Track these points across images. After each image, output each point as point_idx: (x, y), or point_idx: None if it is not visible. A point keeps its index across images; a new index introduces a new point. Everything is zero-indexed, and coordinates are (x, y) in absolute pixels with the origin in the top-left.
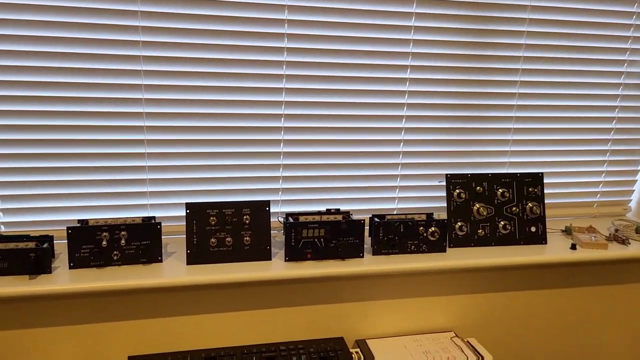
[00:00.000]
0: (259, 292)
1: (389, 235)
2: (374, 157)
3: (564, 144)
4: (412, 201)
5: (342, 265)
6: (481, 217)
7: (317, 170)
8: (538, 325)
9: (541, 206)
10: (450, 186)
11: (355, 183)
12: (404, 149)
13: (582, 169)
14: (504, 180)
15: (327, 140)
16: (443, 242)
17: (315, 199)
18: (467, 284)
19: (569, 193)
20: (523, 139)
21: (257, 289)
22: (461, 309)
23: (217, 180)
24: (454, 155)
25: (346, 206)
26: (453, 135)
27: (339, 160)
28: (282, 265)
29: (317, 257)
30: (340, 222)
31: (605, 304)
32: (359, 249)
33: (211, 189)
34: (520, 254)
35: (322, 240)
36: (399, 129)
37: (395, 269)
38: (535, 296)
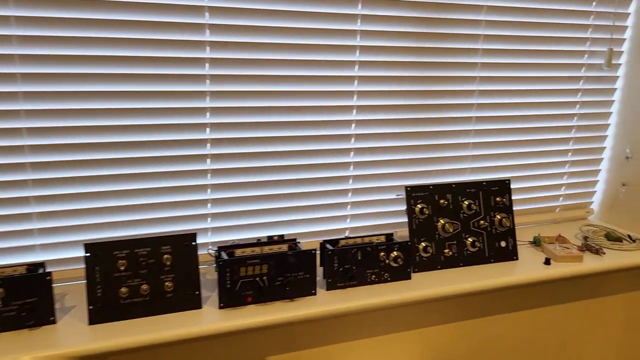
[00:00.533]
0: (187, 351)
1: (345, 265)
2: (320, 170)
3: (526, 145)
4: (367, 218)
5: (291, 307)
6: (447, 234)
7: (254, 189)
8: (515, 350)
9: (510, 218)
10: (411, 201)
11: (300, 202)
12: (355, 159)
13: (545, 171)
14: (470, 191)
15: (264, 153)
16: (407, 268)
17: (252, 224)
18: (437, 314)
19: (532, 199)
20: (484, 141)
21: (186, 348)
22: (433, 341)
23: (128, 208)
24: (410, 164)
25: (290, 230)
26: (408, 141)
27: (280, 175)
28: (216, 315)
29: (260, 300)
30: (286, 255)
31: (582, 319)
32: (311, 285)
33: (119, 220)
34: (492, 274)
35: (265, 279)
36: (348, 136)
37: (355, 307)
38: (509, 319)
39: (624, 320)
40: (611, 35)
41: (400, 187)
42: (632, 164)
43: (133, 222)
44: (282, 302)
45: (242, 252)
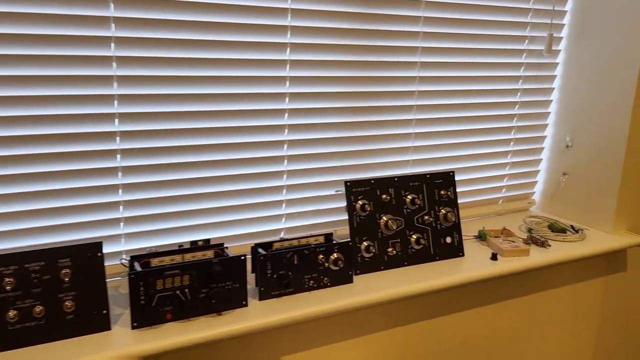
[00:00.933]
0: None
1: (280, 271)
2: (250, 165)
3: (468, 135)
4: (304, 217)
5: (218, 322)
6: (390, 231)
7: (173, 188)
8: (464, 349)
9: (455, 212)
10: (351, 197)
11: (228, 201)
12: (289, 152)
13: (488, 161)
14: (413, 184)
15: (184, 147)
16: (349, 271)
17: (173, 228)
18: (382, 318)
19: (476, 191)
20: (426, 131)
21: None
22: (380, 348)
23: (21, 215)
24: (349, 156)
25: (218, 233)
26: (346, 132)
27: (204, 172)
28: (128, 336)
29: (182, 316)
30: (211, 263)
31: (529, 314)
32: (241, 296)
33: (8, 229)
34: (439, 273)
35: (187, 291)
36: (280, 126)
37: (292, 318)
38: (456, 319)
39: (569, 313)
40: (551, 21)
41: (339, 182)
42: (572, 152)
43: (27, 231)
44: (208, 317)
45: (160, 261)
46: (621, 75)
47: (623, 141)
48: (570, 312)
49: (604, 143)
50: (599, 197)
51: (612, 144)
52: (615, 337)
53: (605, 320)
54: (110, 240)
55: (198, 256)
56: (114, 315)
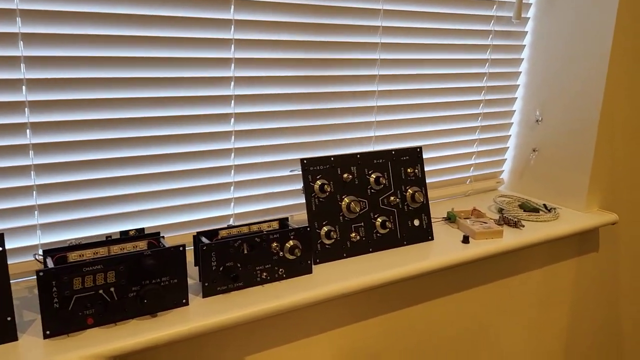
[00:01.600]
0: None
1: (227, 263)
2: (193, 143)
3: (435, 109)
4: (256, 201)
5: (152, 326)
6: (353, 215)
7: (98, 170)
8: (434, 338)
9: (424, 191)
10: (308, 176)
11: (168, 184)
12: (237, 128)
13: (456, 138)
14: (377, 162)
15: (112, 120)
16: (307, 260)
17: (101, 217)
18: (347, 311)
19: (443, 170)
20: (389, 104)
21: None
22: (345, 343)
23: None
24: (305, 132)
25: (155, 221)
26: (302, 105)
27: (138, 151)
28: (39, 348)
29: (106, 320)
30: (142, 256)
31: (501, 298)
32: (180, 293)
33: None
34: (407, 260)
35: (114, 290)
36: (226, 97)
37: (241, 317)
38: (427, 308)
39: (541, 296)
40: None
41: (295, 161)
42: (542, 127)
43: None
44: (140, 320)
45: (79, 255)
46: (594, 45)
47: (595, 115)
48: (542, 296)
49: (576, 117)
50: (570, 174)
51: (584, 118)
52: (587, 319)
53: (577, 302)
54: (23, 232)
55: (128, 248)
56: (24, 322)
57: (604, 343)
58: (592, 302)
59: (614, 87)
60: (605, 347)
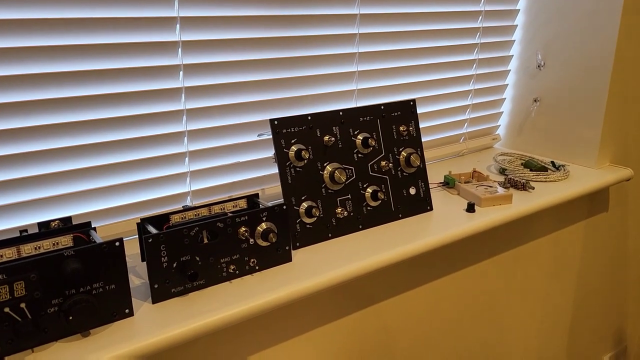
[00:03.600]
0: None
1: (183, 257)
2: (133, 104)
3: (424, 55)
4: (217, 174)
5: (82, 349)
6: (339, 185)
7: (6, 140)
8: (436, 321)
9: (420, 153)
10: (281, 141)
11: (101, 158)
12: (188, 83)
13: (448, 89)
14: (364, 120)
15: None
16: (285, 245)
17: (11, 204)
18: (336, 304)
19: (433, 127)
20: (372, 51)
21: None
22: (337, 341)
23: None
24: (272, 87)
25: (86, 207)
26: (268, 53)
27: (59, 116)
28: None
29: (18, 347)
30: (62, 257)
31: (506, 273)
32: (121, 302)
33: None
34: (406, 237)
35: (25, 307)
36: (172, 44)
37: (204, 326)
38: (426, 290)
39: (549, 265)
40: None
41: (264, 122)
42: (545, 74)
43: None
44: (66, 342)
45: None
46: None
47: (608, 55)
48: (550, 264)
49: (585, 59)
50: (578, 125)
51: (594, 60)
52: (594, 285)
53: (585, 268)
54: None
55: (45, 247)
56: None
57: (612, 306)
58: (600, 266)
59: (629, 22)
60: (613, 310)
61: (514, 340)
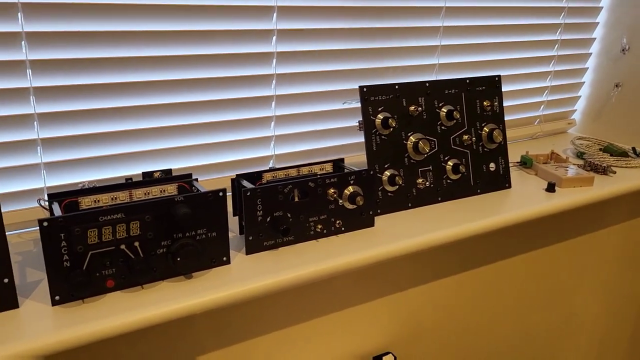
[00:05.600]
0: None
1: (275, 212)
2: (228, 67)
3: (506, 33)
4: (301, 140)
5: (189, 290)
6: (421, 156)
7: (115, 96)
8: (503, 300)
9: (502, 129)
10: (369, 108)
11: (196, 117)
12: (280, 49)
13: (528, 69)
14: (449, 92)
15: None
16: (370, 210)
17: (117, 155)
18: (404, 275)
19: (510, 107)
20: (457, 25)
21: None
22: (397, 313)
23: None
24: (358, 57)
25: (183, 162)
26: (353, 22)
27: (159, 74)
28: (46, 318)
29: (131, 283)
30: (173, 202)
31: (576, 258)
32: (220, 250)
33: None
34: (486, 211)
35: (139, 245)
36: (267, 8)
37: (296, 278)
38: (499, 268)
39: (622, 251)
40: None
41: (347, 91)
42: (629, 58)
43: None
44: (172, 282)
45: (94, 201)
46: None
47: None
48: (622, 253)
49: None
50: None
51: None
52: None
53: None
54: (24, 172)
55: (154, 193)
56: (28, 284)
57: None
58: None
59: None
60: None
61: (578, 326)
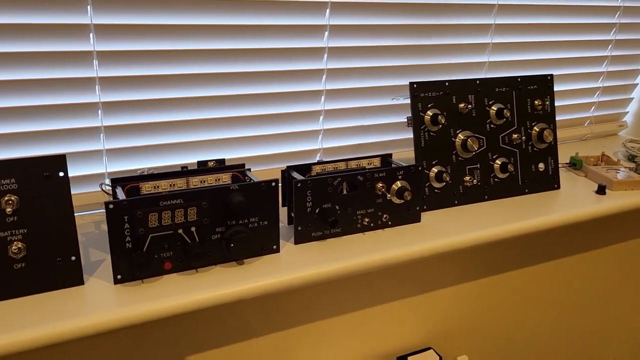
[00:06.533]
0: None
1: (324, 204)
2: (280, 60)
3: (560, 31)
4: (348, 134)
5: (241, 275)
6: (469, 154)
7: (173, 88)
8: (548, 304)
9: (552, 129)
10: (418, 104)
11: (249, 109)
12: (331, 44)
13: (581, 69)
14: (500, 91)
15: (188, 27)
16: (417, 205)
17: (173, 144)
18: (449, 272)
19: (559, 108)
20: (509, 23)
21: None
22: (441, 310)
23: None
24: (407, 53)
25: (234, 153)
26: (405, 19)
27: (216, 67)
28: (109, 295)
29: (186, 266)
30: (229, 190)
31: (624, 263)
32: (271, 238)
33: None
34: (532, 211)
35: (195, 231)
36: (321, 4)
37: (344, 269)
38: (543, 269)
39: None
40: None
41: (397, 87)
42: None
43: None
44: (224, 267)
45: (154, 187)
46: None
47: None
48: None
49: None
50: None
51: None
52: None
53: None
54: (87, 158)
55: (209, 181)
56: (91, 262)
57: None
58: None
59: None
60: None
61: (622, 332)
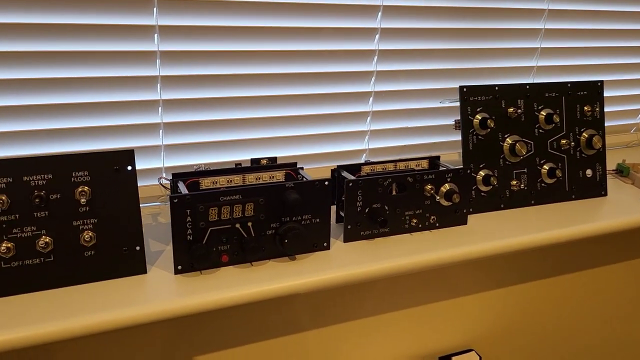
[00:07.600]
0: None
1: (374, 204)
2: (330, 62)
3: (609, 37)
4: (395, 136)
5: (293, 270)
6: (517, 158)
7: (230, 87)
8: (592, 310)
9: (602, 135)
10: (467, 108)
11: (300, 109)
12: (382, 46)
13: (626, 76)
14: (550, 96)
15: (244, 29)
16: (464, 208)
17: (226, 141)
18: (492, 275)
19: (610, 113)
20: (558, 28)
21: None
22: (484, 312)
23: (19, 112)
24: (456, 57)
25: (285, 151)
26: (453, 22)
27: (268, 68)
28: (170, 285)
29: (242, 259)
30: (285, 188)
31: None
32: (322, 236)
33: (10, 130)
34: (579, 218)
35: (251, 225)
36: (373, 7)
37: (392, 268)
38: (588, 276)
39: None
40: None
41: (445, 90)
42: None
43: (32, 135)
44: (277, 262)
45: (212, 182)
46: None
47: None
48: None
49: None
50: None
51: None
52: None
53: None
54: (146, 153)
55: (264, 178)
56: (152, 253)
57: None
58: None
59: None
60: None
61: None
